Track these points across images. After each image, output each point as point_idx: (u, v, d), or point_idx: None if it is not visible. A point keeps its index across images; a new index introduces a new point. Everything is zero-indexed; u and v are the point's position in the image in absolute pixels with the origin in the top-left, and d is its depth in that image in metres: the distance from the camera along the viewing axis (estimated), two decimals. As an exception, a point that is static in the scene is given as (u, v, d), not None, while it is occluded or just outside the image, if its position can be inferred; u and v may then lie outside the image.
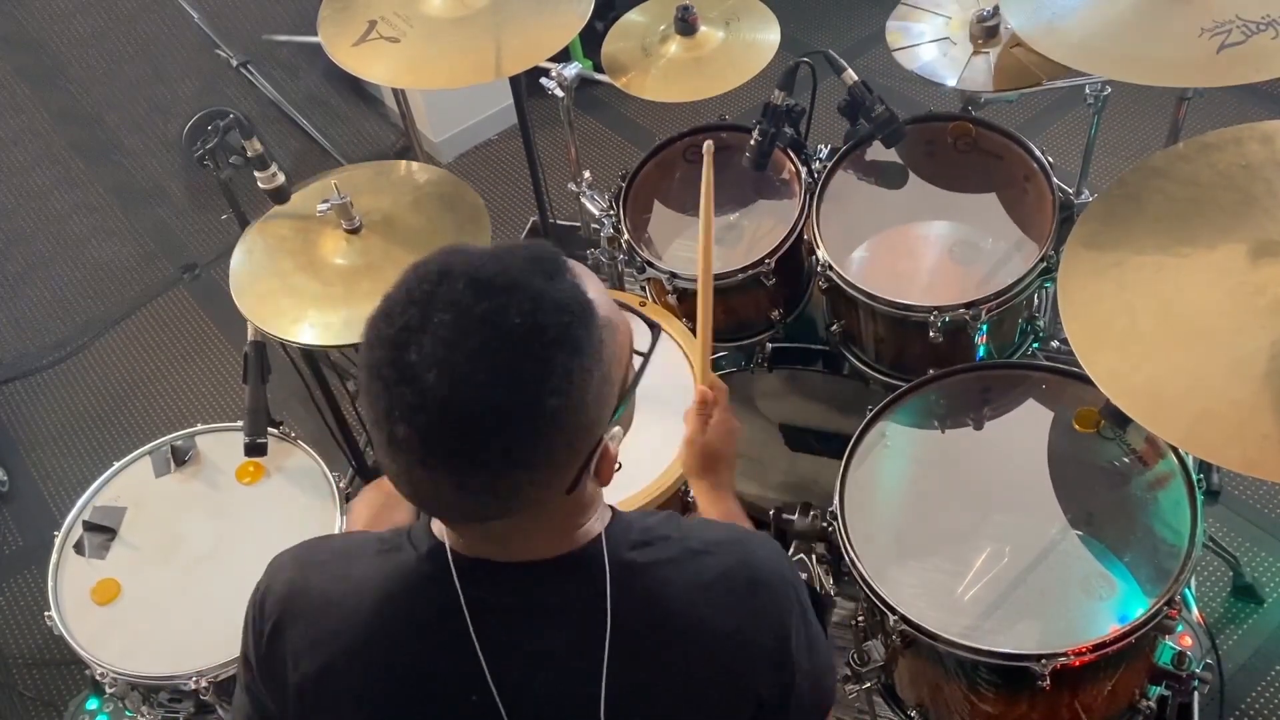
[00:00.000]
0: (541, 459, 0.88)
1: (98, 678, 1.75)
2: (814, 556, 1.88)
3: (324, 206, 1.92)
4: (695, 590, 0.98)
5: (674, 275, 2.08)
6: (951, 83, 2.09)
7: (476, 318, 0.84)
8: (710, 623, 0.98)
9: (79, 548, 1.87)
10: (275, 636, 1.02)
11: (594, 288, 0.92)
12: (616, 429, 0.94)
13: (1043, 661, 1.48)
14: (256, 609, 1.05)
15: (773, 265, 2.03)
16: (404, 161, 2.17)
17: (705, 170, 1.54)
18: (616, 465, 0.96)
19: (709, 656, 0.98)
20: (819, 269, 1.99)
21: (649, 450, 1.75)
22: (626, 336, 0.96)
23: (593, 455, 0.92)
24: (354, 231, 1.95)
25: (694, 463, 1.38)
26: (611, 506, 1.03)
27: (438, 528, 0.99)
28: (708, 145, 1.56)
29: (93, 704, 2.09)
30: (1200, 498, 1.59)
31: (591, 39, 2.62)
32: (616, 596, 0.95)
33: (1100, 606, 1.55)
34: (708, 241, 1.50)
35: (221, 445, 1.98)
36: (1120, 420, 1.69)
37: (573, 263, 0.93)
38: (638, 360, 1.00)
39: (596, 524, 0.99)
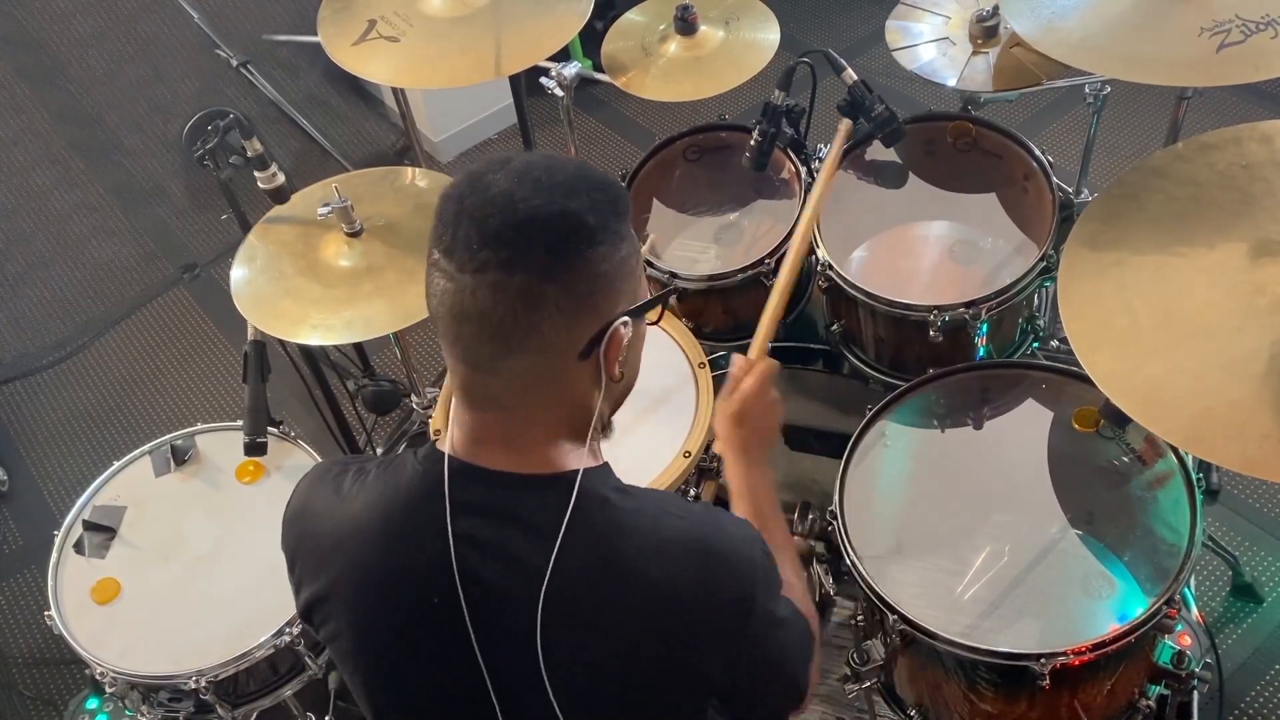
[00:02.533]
0: (573, 288, 0.96)
1: (97, 677, 1.76)
2: (814, 556, 1.88)
3: (324, 210, 1.92)
4: (650, 543, 1.02)
5: (674, 275, 2.08)
6: (951, 82, 2.09)
7: (542, 167, 0.98)
8: (652, 576, 1.01)
9: (79, 547, 1.87)
10: (292, 564, 1.14)
11: None
12: (628, 326, 1.01)
13: (1042, 661, 1.48)
14: (282, 538, 1.17)
15: (772, 265, 2.03)
16: (408, 168, 2.17)
17: (835, 148, 1.73)
18: (621, 361, 1.03)
19: (647, 609, 1.01)
20: (819, 269, 1.99)
21: (649, 449, 1.75)
22: (640, 257, 1.06)
23: (606, 330, 1.00)
24: (355, 235, 1.95)
25: (721, 429, 1.40)
26: (606, 463, 1.08)
27: (442, 440, 1.07)
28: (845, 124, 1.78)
29: (93, 703, 2.09)
30: (1200, 497, 1.59)
31: (591, 38, 2.62)
32: (573, 521, 1.00)
33: (1100, 606, 1.55)
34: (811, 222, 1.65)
35: (221, 445, 1.98)
36: (1120, 420, 1.69)
37: None
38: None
39: (588, 458, 1.04)
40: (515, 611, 1.00)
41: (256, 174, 1.96)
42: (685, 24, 2.20)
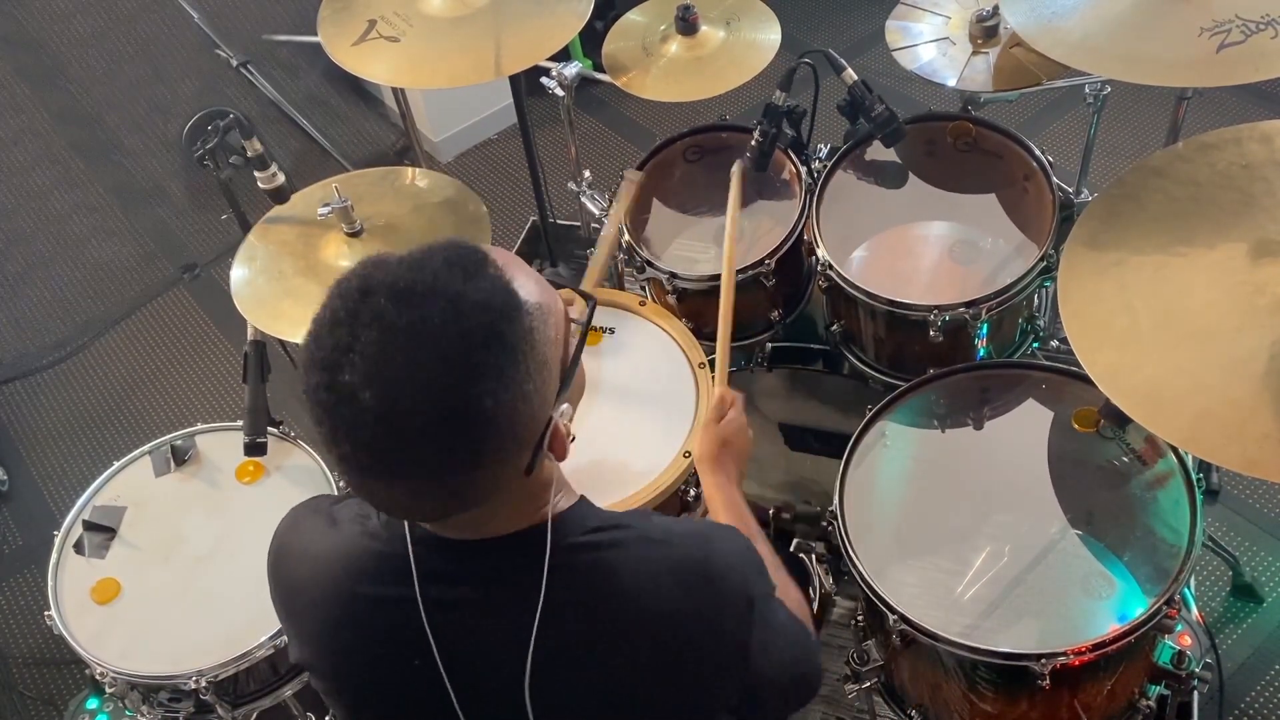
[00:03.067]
0: (489, 456, 0.90)
1: (97, 677, 1.75)
2: (813, 556, 1.88)
3: (325, 210, 1.92)
4: (642, 577, 0.99)
5: (674, 275, 2.08)
6: (951, 82, 2.09)
7: (401, 330, 0.86)
8: (648, 612, 0.99)
9: (79, 547, 1.87)
10: (279, 614, 1.13)
11: (520, 274, 0.93)
12: (565, 405, 0.96)
13: (1042, 661, 1.48)
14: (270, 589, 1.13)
15: (773, 265, 2.03)
16: (408, 168, 2.17)
17: (733, 191, 1.68)
18: (570, 438, 0.98)
19: (649, 642, 0.99)
20: (819, 269, 1.99)
21: (649, 448, 1.75)
22: (560, 315, 0.97)
23: (544, 436, 0.94)
24: (355, 235, 1.95)
25: (706, 448, 1.45)
26: (582, 496, 1.05)
27: None
28: (738, 166, 1.72)
29: (93, 703, 2.09)
30: (1200, 497, 1.59)
31: (592, 38, 2.63)
32: (554, 574, 0.97)
33: (1100, 606, 1.55)
34: (731, 250, 1.63)
35: (221, 444, 1.98)
36: (1120, 420, 1.69)
37: (495, 252, 0.94)
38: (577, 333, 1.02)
39: (562, 503, 1.02)
40: (500, 672, 0.98)
41: (256, 174, 1.96)
42: (686, 24, 2.21)
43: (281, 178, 1.97)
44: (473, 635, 1.00)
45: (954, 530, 1.67)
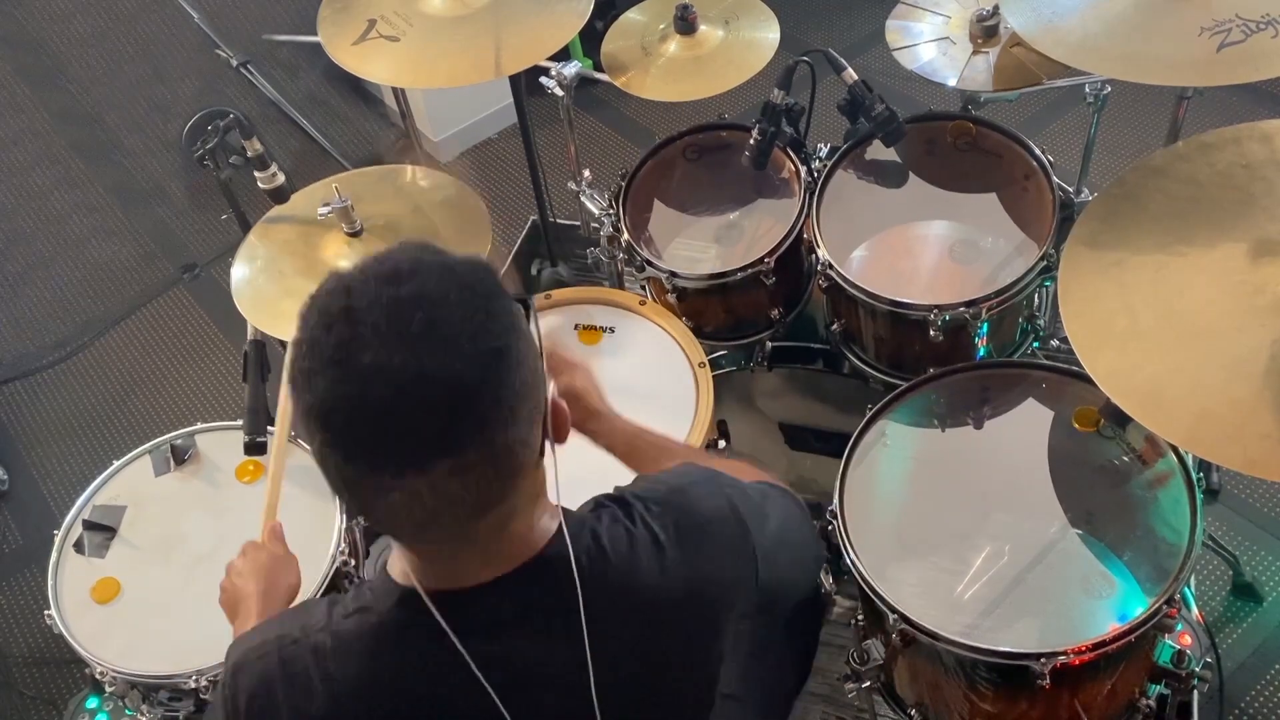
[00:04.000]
0: (520, 411, 0.86)
1: (97, 676, 1.75)
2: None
3: (325, 210, 1.92)
4: (653, 560, 0.99)
5: (674, 274, 2.08)
6: (951, 82, 2.09)
7: (405, 300, 0.82)
8: (675, 588, 0.99)
9: (79, 546, 1.87)
10: None
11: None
12: (552, 385, 0.95)
13: (1042, 660, 1.48)
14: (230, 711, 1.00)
15: (772, 264, 2.03)
16: (408, 166, 2.17)
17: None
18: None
19: (683, 615, 1.00)
20: (819, 268, 1.99)
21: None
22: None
23: (546, 419, 0.92)
24: (355, 235, 1.95)
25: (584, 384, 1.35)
26: (563, 509, 1.02)
27: (398, 571, 0.96)
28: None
29: (92, 703, 2.09)
30: (1200, 496, 1.59)
31: (591, 38, 2.62)
32: (588, 594, 0.95)
33: (1100, 605, 1.55)
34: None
35: (221, 444, 1.98)
36: (1120, 419, 1.69)
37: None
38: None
39: (550, 521, 0.98)
40: (570, 703, 0.96)
41: (256, 174, 1.96)
42: (685, 23, 2.21)
43: (281, 178, 1.97)
44: (534, 682, 0.95)
45: (954, 530, 1.67)
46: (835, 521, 1.67)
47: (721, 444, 1.93)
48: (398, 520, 0.87)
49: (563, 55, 2.25)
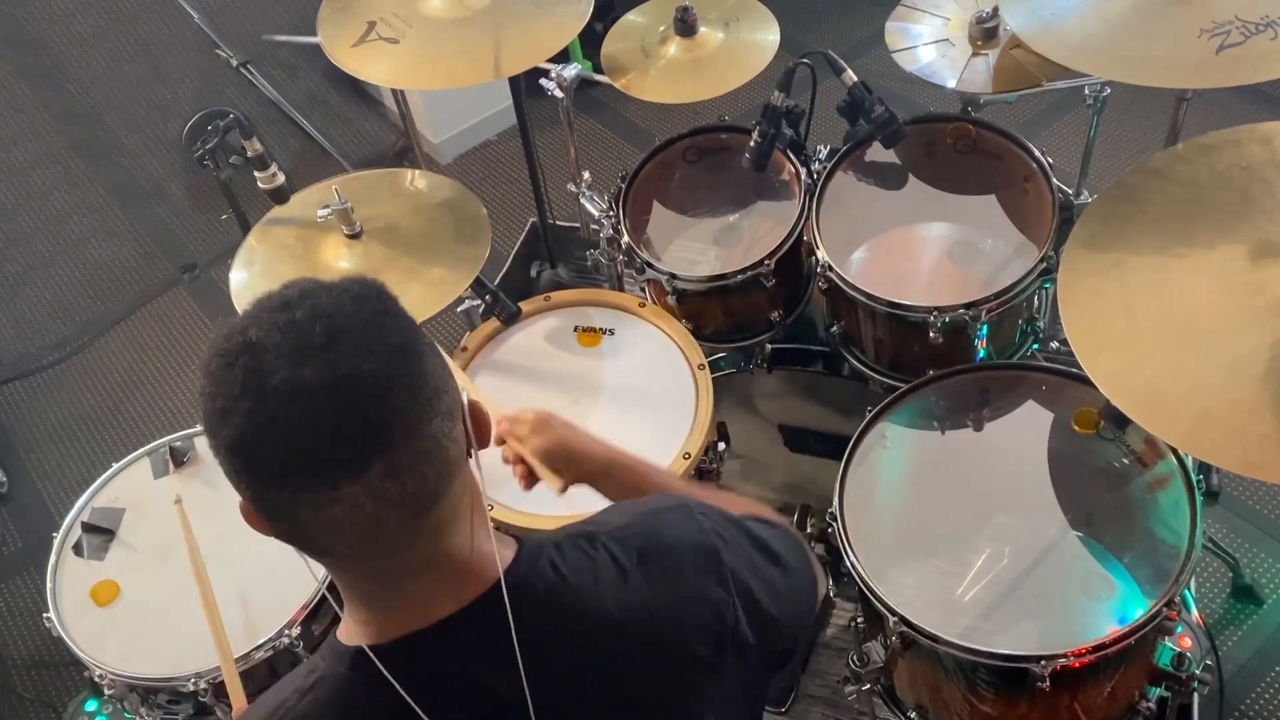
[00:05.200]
0: (440, 405, 0.86)
1: (96, 679, 1.75)
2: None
3: (324, 212, 1.92)
4: (604, 598, 0.96)
5: (673, 276, 2.07)
6: (951, 84, 2.09)
7: (303, 318, 0.82)
8: (638, 616, 0.96)
9: (78, 549, 1.87)
10: None
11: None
12: (466, 395, 0.93)
13: (1042, 663, 1.48)
14: None
15: (772, 266, 2.03)
16: (408, 170, 2.17)
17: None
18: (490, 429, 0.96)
19: (647, 644, 0.97)
20: (819, 270, 1.99)
21: (648, 450, 1.74)
22: None
23: (463, 415, 0.91)
24: (355, 237, 1.95)
25: (561, 469, 1.30)
26: (517, 537, 1.00)
27: (345, 634, 0.96)
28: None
29: (91, 705, 2.09)
30: (1200, 499, 1.59)
31: (591, 39, 2.62)
32: (544, 623, 0.93)
33: (1100, 607, 1.55)
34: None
35: (221, 446, 1.98)
36: (1120, 421, 1.69)
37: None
38: None
39: (505, 550, 0.96)
40: None
41: (256, 174, 1.96)
42: (685, 25, 2.20)
43: (281, 178, 1.97)
44: None
45: (954, 532, 1.67)
46: (835, 524, 1.67)
47: (721, 446, 1.93)
48: (343, 538, 0.85)
49: (562, 57, 2.25)
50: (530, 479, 1.31)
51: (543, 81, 2.34)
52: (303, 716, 0.93)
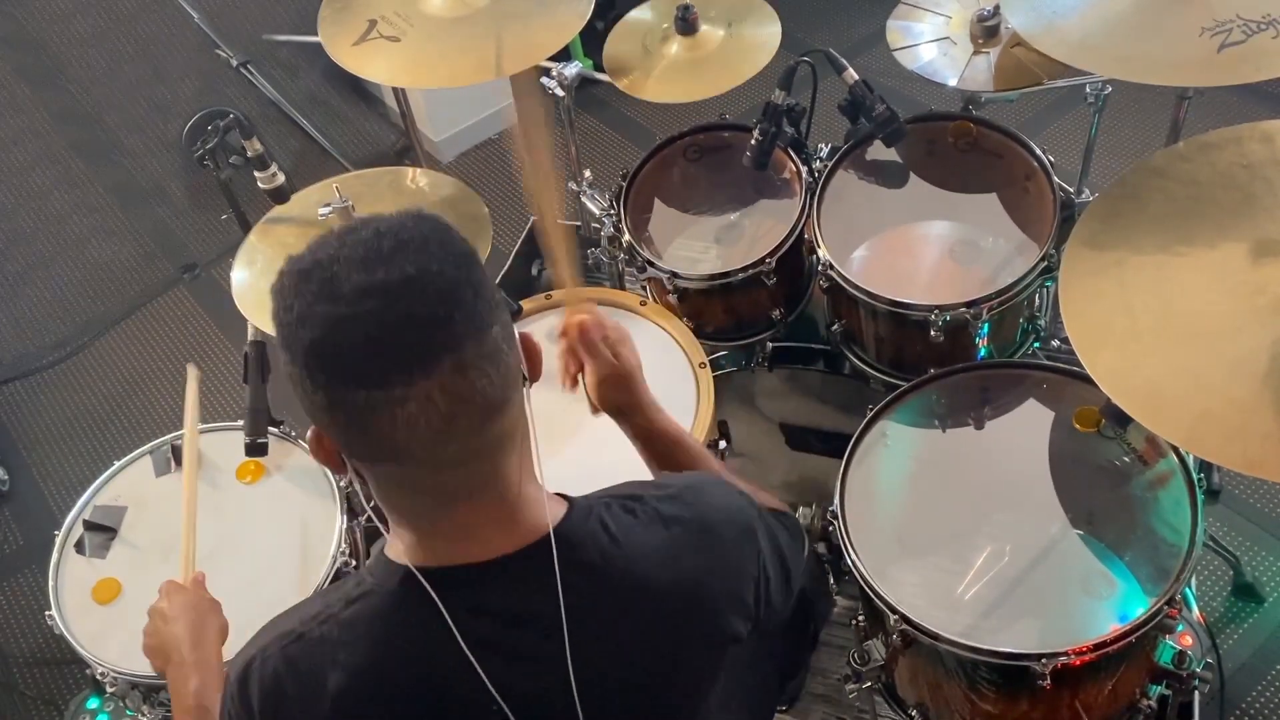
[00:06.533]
0: (495, 308, 0.90)
1: (98, 677, 1.75)
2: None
3: (325, 210, 1.92)
4: (650, 562, 0.99)
5: (675, 275, 2.08)
6: (952, 82, 2.09)
7: (383, 230, 0.87)
8: (684, 580, 0.99)
9: (79, 547, 1.87)
10: None
11: None
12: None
13: (1043, 661, 1.48)
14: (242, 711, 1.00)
15: (773, 265, 2.03)
16: (409, 168, 2.16)
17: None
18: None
19: (687, 608, 1.00)
20: (820, 268, 1.99)
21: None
22: None
23: (517, 341, 0.94)
24: (355, 234, 1.95)
25: (609, 395, 1.30)
26: (567, 496, 1.02)
27: (395, 552, 0.97)
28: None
29: (93, 703, 2.09)
30: (1201, 497, 1.59)
31: (592, 38, 2.62)
32: (569, 591, 0.95)
33: (1101, 606, 1.55)
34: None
35: (222, 445, 1.98)
36: (1121, 420, 1.69)
37: None
38: None
39: (552, 508, 0.98)
40: (553, 698, 0.96)
41: (256, 174, 1.96)
42: (686, 24, 2.20)
43: (281, 178, 1.97)
44: (513, 665, 0.96)
45: (954, 530, 1.67)
46: (836, 522, 1.67)
47: (723, 444, 1.93)
48: (417, 435, 0.86)
49: (563, 55, 2.25)
50: (574, 380, 1.31)
51: (544, 80, 2.35)
52: (346, 623, 0.96)
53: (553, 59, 2.22)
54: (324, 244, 0.88)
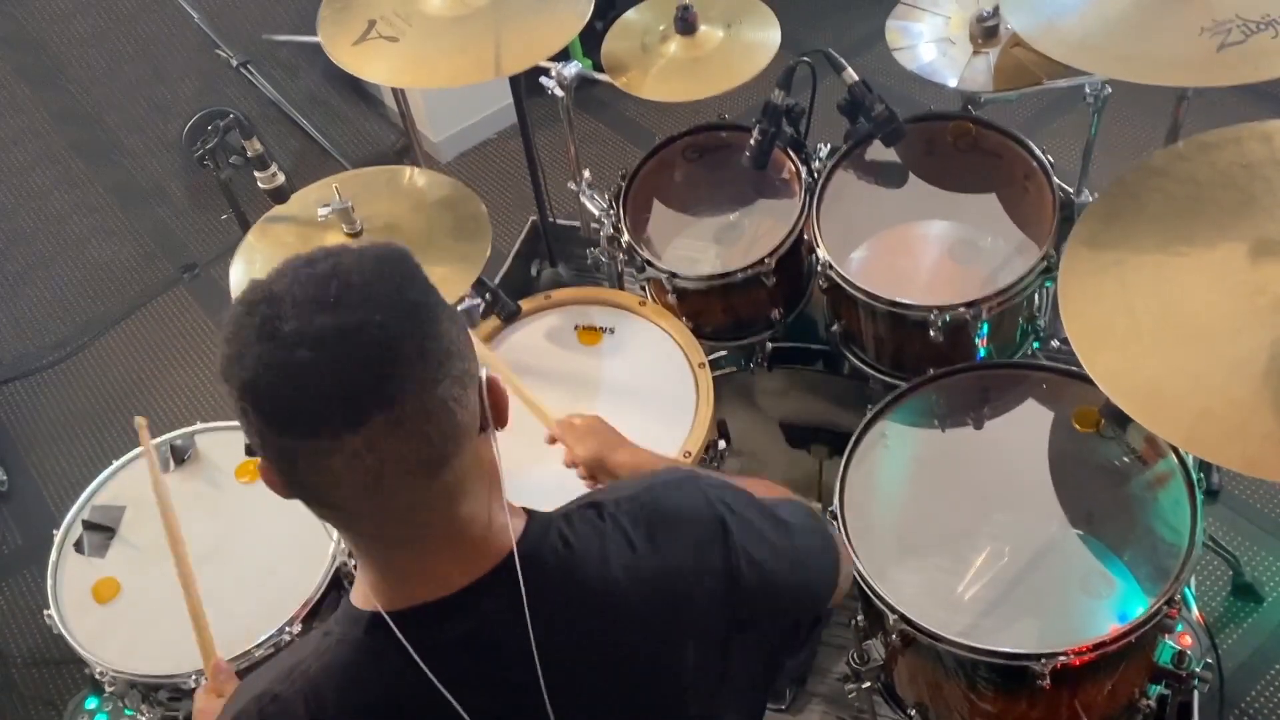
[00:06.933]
0: (445, 362, 0.86)
1: (97, 676, 1.75)
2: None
3: (325, 210, 1.92)
4: (610, 567, 0.97)
5: (674, 275, 2.08)
6: (952, 83, 2.09)
7: (322, 273, 0.84)
8: (644, 584, 0.97)
9: (79, 546, 1.87)
10: None
11: None
12: (484, 371, 0.93)
13: (1043, 661, 1.48)
14: None
15: (773, 264, 2.03)
16: (407, 167, 2.16)
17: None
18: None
19: (652, 613, 0.97)
20: (819, 268, 1.99)
21: (649, 449, 1.75)
22: None
23: (481, 387, 0.91)
24: (355, 235, 1.95)
25: (587, 450, 1.44)
26: (528, 510, 1.00)
27: (359, 597, 0.96)
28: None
29: (92, 703, 2.09)
30: (1200, 497, 1.59)
31: (591, 38, 2.62)
32: (554, 595, 0.94)
33: (1100, 605, 1.55)
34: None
35: (221, 444, 1.98)
36: (1120, 420, 1.69)
37: None
38: None
39: (516, 521, 0.97)
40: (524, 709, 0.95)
41: (256, 174, 1.96)
42: (685, 24, 2.20)
43: (281, 178, 1.97)
44: (489, 695, 0.94)
45: (954, 530, 1.67)
46: (835, 522, 1.67)
47: (722, 444, 1.93)
48: (344, 489, 0.85)
49: (563, 55, 2.25)
50: (590, 479, 1.45)
51: (543, 80, 2.35)
52: (318, 677, 0.94)
53: (552, 59, 2.22)
54: (283, 273, 0.86)
